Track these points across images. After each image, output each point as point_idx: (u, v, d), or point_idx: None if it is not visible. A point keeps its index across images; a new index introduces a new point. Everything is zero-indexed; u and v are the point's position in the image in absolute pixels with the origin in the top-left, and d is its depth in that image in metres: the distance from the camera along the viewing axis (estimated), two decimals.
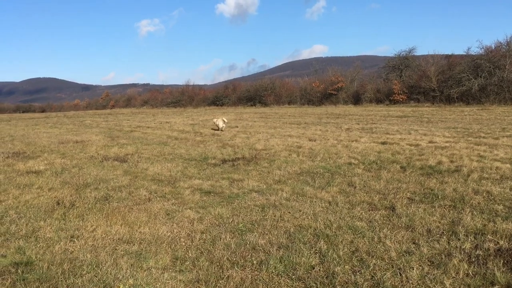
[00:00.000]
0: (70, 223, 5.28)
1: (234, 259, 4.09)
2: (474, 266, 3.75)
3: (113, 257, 4.18)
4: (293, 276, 3.71)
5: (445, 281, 3.48)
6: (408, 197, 6.10)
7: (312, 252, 4.18)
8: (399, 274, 3.65)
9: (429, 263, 3.86)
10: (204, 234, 4.82)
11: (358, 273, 3.70)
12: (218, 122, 17.95)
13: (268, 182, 7.40)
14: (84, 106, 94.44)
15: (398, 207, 5.55)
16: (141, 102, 75.67)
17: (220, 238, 4.66)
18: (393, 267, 3.79)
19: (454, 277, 3.57)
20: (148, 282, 3.66)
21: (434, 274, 3.62)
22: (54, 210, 5.84)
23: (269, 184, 7.24)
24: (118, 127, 22.46)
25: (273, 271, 3.80)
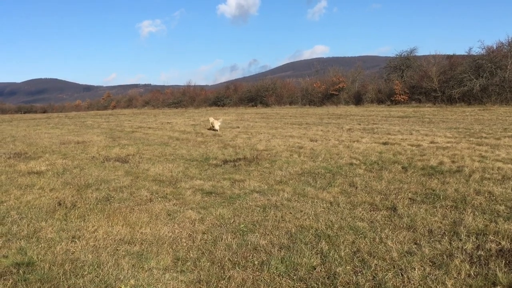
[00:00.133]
0: (72, 224, 5.28)
1: (236, 260, 4.09)
2: (476, 267, 3.74)
3: (115, 258, 4.18)
4: (295, 277, 3.71)
5: (447, 282, 3.47)
6: (410, 198, 6.09)
7: (314, 253, 4.18)
8: (401, 275, 3.64)
9: (431, 264, 3.85)
10: (206, 235, 4.82)
11: (360, 274, 3.70)
12: (214, 124, 18.37)
13: (270, 183, 7.40)
14: (86, 107, 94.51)
15: (400, 208, 5.54)
16: (142, 103, 75.68)
17: (222, 239, 4.66)
18: (395, 268, 3.78)
19: (456, 278, 3.56)
20: (150, 283, 3.66)
21: (436, 275, 3.61)
22: (56, 211, 5.84)
23: (271, 185, 7.24)
24: (119, 128, 22.48)
25: (275, 272, 3.80)
